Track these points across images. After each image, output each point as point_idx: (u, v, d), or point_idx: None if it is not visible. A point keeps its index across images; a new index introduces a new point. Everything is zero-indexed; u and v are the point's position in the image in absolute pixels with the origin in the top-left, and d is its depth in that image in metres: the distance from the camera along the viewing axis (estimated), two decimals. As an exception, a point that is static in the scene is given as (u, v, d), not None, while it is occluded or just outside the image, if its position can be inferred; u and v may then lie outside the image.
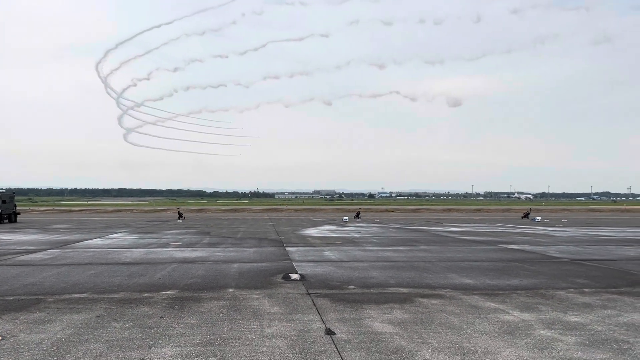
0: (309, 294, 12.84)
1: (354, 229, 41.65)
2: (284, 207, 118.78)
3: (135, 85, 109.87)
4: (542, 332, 9.15)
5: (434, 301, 11.93)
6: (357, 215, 62.15)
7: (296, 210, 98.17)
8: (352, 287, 13.93)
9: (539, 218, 59.90)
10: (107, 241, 29.73)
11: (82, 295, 12.70)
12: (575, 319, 10.18)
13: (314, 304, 11.53)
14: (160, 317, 10.24)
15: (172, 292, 13.09)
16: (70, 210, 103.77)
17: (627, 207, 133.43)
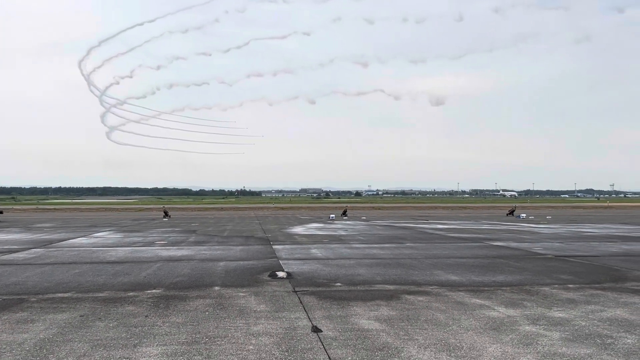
0: (296, 291, 12.82)
1: (340, 226, 41.69)
2: (271, 205, 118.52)
3: (118, 83, 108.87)
4: (527, 327, 9.22)
5: (420, 298, 11.98)
6: (344, 213, 62.22)
7: (283, 209, 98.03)
8: (339, 284, 13.93)
9: (524, 215, 60.41)
10: (92, 240, 29.44)
11: (65, 295, 12.56)
12: (560, 314, 10.27)
13: (301, 302, 11.51)
14: (145, 316, 10.16)
15: (158, 291, 12.99)
16: (54, 209, 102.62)
17: (610, 204, 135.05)
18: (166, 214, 59.52)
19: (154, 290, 13.07)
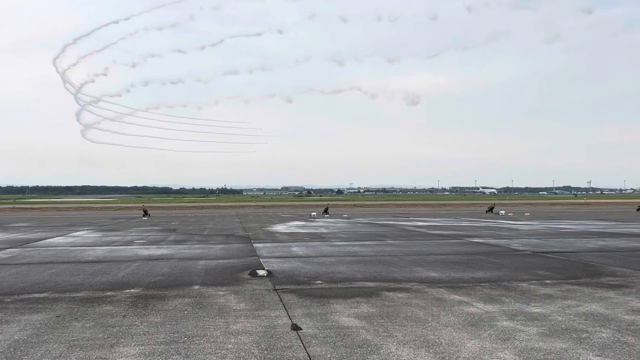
0: (276, 289, 12.79)
1: (322, 224, 41.70)
2: (252, 204, 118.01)
3: (93, 81, 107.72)
4: (505, 323, 9.32)
5: (400, 295, 12.03)
6: (326, 211, 62.27)
7: (264, 207, 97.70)
8: (320, 282, 13.93)
9: (503, 212, 61.06)
10: (70, 239, 29.02)
11: (41, 295, 12.35)
12: (537, 309, 10.40)
13: (281, 300, 11.48)
14: (123, 316, 10.04)
15: (136, 290, 12.85)
16: (31, 208, 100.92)
17: (587, 200, 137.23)
18: (146, 213, 58.95)
19: (132, 290, 12.93)
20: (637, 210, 67.60)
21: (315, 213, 59.89)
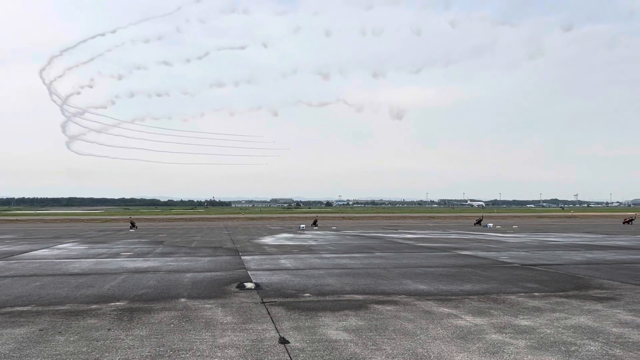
0: (264, 302, 12.67)
1: (310, 236, 41.57)
2: (241, 216, 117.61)
3: (79, 93, 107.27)
4: (493, 336, 9.28)
5: (388, 307, 11.96)
6: (314, 223, 62.17)
7: (253, 219, 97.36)
8: (308, 295, 13.83)
9: (491, 224, 61.34)
10: (55, 252, 28.65)
11: (24, 308, 12.12)
12: (526, 322, 10.38)
13: (269, 313, 11.37)
14: (108, 329, 9.88)
15: (122, 303, 12.67)
16: (16, 220, 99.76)
17: (574, 213, 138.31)
18: (133, 225, 58.48)
19: (118, 303, 12.74)
20: (624, 223, 68.22)
21: (304, 225, 59.75)
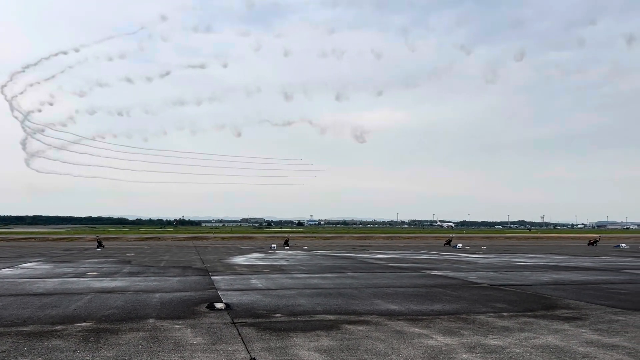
0: (234, 323, 12.52)
1: (282, 256, 41.33)
2: (211, 235, 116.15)
3: (40, 110, 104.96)
4: (464, 356, 9.35)
5: (360, 327, 11.95)
6: (286, 243, 61.85)
7: (223, 238, 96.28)
8: (279, 315, 13.72)
9: (460, 245, 61.97)
10: (18, 271, 27.83)
11: (-15, 330, 11.72)
12: (495, 342, 10.49)
13: (239, 334, 11.23)
14: (74, 351, 9.61)
15: (88, 324, 12.36)
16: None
17: (540, 235, 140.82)
18: (100, 244, 57.25)
19: (84, 324, 12.43)
20: (588, 244, 69.79)
21: (275, 245, 59.38)
